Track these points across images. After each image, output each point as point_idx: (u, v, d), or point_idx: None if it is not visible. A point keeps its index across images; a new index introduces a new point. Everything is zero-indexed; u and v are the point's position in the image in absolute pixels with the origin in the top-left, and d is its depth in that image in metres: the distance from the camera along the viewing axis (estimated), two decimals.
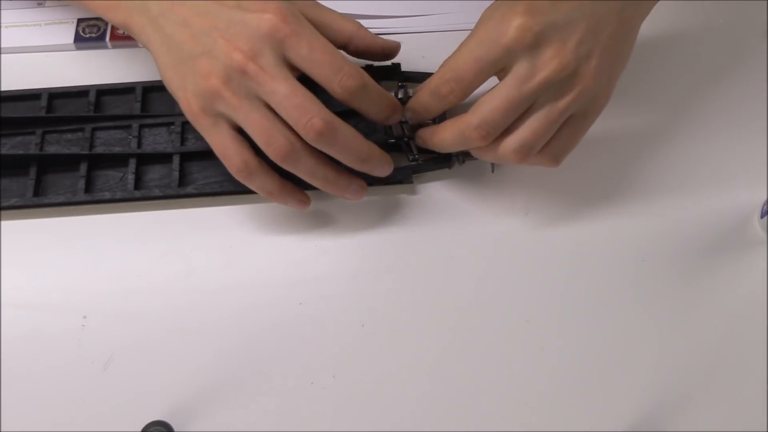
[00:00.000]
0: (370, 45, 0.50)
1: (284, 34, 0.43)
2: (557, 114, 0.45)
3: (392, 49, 0.52)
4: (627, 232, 0.50)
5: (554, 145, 0.46)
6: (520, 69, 0.43)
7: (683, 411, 0.45)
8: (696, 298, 0.48)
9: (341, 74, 0.44)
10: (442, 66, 0.47)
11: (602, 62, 0.45)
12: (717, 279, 0.49)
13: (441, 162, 0.52)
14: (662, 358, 0.46)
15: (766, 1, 0.61)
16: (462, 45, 0.46)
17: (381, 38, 0.51)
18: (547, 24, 0.43)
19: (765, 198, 0.50)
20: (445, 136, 0.48)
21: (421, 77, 0.55)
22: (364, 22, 0.50)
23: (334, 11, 0.49)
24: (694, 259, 0.50)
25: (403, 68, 0.55)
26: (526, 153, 0.45)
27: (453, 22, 0.59)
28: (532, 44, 0.43)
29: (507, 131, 0.45)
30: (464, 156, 0.52)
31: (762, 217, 0.50)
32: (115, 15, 0.49)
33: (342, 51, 0.49)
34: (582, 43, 0.44)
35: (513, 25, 0.43)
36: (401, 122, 0.52)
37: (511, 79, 0.44)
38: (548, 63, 0.43)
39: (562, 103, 0.44)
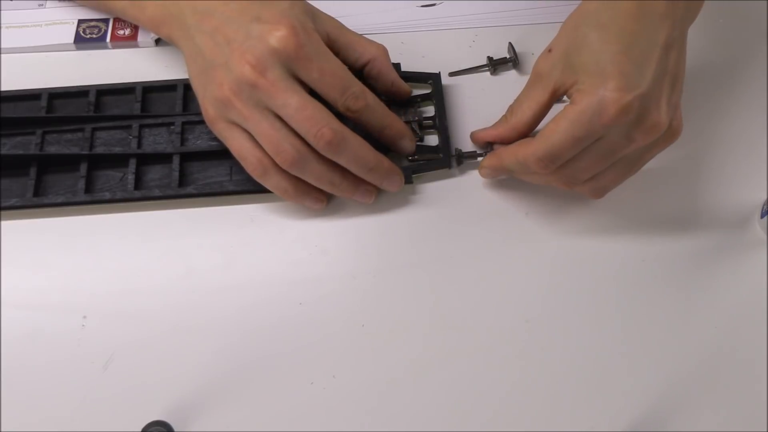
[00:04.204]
0: (383, 73, 0.51)
1: (295, 53, 0.45)
2: (643, 163, 0.47)
3: (401, 88, 0.53)
4: (627, 232, 0.50)
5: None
6: (619, 140, 0.44)
7: (683, 411, 0.45)
8: (696, 298, 0.48)
9: (346, 95, 0.47)
10: (520, 135, 0.49)
11: (679, 107, 0.46)
12: (717, 279, 0.49)
13: (441, 162, 0.52)
14: (662, 358, 0.46)
15: (766, 1, 0.61)
16: (555, 121, 0.44)
17: (396, 74, 0.52)
18: (642, 96, 0.43)
19: (765, 198, 0.50)
20: (534, 180, 0.49)
21: (420, 77, 0.55)
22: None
23: (360, 35, 0.51)
24: (694, 258, 0.50)
25: (403, 68, 0.55)
26: (603, 194, 0.49)
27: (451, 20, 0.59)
28: (632, 119, 0.43)
29: (592, 178, 0.47)
30: (463, 156, 0.52)
31: (762, 217, 0.50)
32: (161, 30, 0.52)
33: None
34: (670, 102, 0.44)
35: (612, 106, 0.42)
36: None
37: (608, 146, 0.44)
38: (648, 133, 0.44)
39: (651, 154, 0.46)
